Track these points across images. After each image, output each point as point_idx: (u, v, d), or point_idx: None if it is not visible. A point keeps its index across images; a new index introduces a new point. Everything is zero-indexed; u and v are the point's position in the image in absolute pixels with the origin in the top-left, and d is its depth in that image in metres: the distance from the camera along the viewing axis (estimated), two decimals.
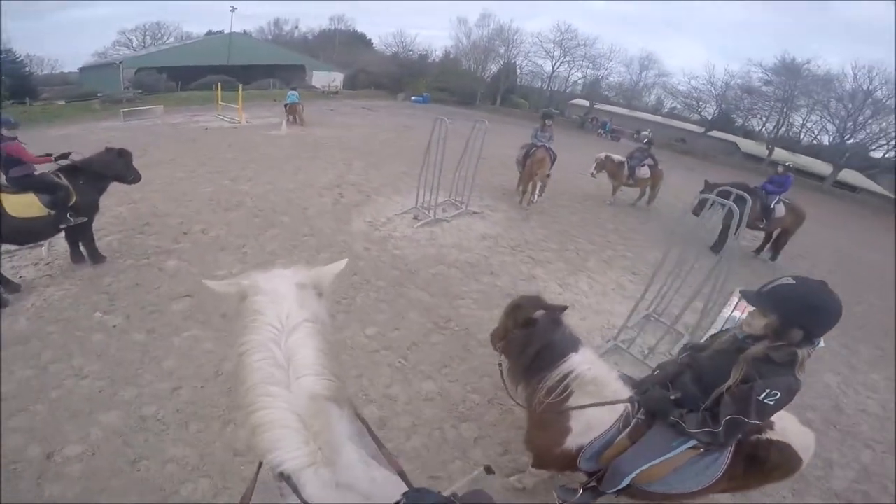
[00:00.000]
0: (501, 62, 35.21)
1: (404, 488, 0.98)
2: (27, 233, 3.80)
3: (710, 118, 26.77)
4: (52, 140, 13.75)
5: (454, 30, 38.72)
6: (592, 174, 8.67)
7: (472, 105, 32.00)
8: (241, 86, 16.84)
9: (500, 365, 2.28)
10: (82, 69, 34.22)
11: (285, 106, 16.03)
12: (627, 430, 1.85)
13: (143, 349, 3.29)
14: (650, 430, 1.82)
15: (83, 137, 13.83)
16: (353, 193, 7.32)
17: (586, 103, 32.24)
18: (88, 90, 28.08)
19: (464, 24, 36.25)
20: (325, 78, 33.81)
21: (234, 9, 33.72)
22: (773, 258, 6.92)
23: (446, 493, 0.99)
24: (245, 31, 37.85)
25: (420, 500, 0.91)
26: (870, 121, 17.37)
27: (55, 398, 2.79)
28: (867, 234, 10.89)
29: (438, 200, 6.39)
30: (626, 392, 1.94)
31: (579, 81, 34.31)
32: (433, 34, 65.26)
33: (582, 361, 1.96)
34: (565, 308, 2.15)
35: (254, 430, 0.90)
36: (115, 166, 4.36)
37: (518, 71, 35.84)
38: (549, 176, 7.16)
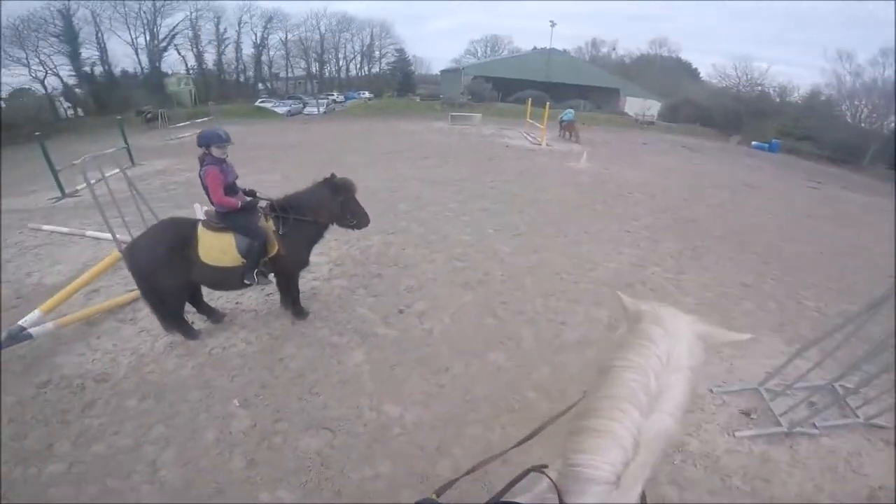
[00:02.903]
0: None
1: None
2: (216, 283, 3.25)
3: None
4: (396, 133, 16.95)
5: (832, 66, 30.04)
6: None
7: (853, 165, 22.32)
8: (548, 104, 16.63)
9: None
10: (442, 72, 43.56)
11: (560, 122, 16.17)
12: None
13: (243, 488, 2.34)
14: None
15: (419, 135, 16.35)
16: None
17: None
18: (440, 91, 35.42)
19: (848, 61, 28.55)
20: (640, 105, 30.78)
21: (553, 24, 34.95)
22: None
23: None
24: (564, 50, 39.00)
25: None
26: None
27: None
28: None
29: (800, 372, 3.06)
30: None
31: None
32: (792, 69, 49.49)
33: None
34: None
35: (577, 432, 0.89)
36: (329, 207, 3.29)
37: None
38: None
